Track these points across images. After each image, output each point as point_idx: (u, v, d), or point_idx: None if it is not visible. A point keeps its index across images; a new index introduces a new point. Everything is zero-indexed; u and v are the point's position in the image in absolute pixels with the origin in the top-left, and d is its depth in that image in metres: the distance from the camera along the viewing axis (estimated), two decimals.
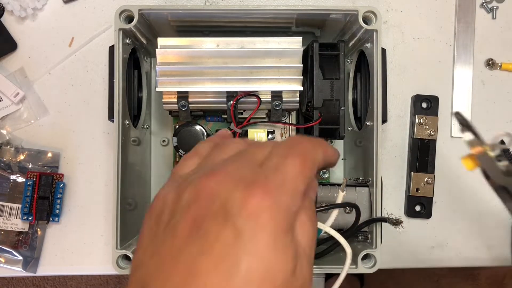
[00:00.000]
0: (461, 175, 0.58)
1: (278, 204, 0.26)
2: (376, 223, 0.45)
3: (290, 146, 0.29)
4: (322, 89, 0.46)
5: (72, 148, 0.57)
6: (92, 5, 0.57)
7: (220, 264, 0.24)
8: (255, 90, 0.46)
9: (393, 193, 0.57)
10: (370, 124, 0.46)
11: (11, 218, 0.55)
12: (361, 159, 0.50)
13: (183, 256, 0.25)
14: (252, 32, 0.51)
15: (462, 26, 0.58)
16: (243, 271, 0.24)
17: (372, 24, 0.45)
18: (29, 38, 0.57)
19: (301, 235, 0.28)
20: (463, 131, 0.36)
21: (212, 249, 0.25)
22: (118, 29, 0.45)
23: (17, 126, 0.57)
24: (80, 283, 1.35)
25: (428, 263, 0.58)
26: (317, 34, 0.53)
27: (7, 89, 0.55)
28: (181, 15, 0.47)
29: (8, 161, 0.56)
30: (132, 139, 0.49)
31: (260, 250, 0.25)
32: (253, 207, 0.25)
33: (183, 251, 0.25)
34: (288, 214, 0.26)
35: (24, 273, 0.55)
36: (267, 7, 0.46)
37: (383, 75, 0.46)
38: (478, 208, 0.58)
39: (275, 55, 0.45)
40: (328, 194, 0.48)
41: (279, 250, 0.25)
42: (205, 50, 0.45)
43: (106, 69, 0.48)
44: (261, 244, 0.25)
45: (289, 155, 0.28)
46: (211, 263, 0.24)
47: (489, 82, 0.58)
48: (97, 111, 0.57)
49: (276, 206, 0.26)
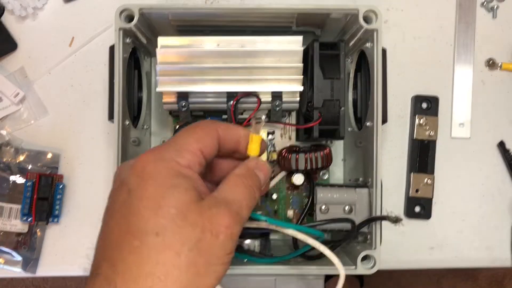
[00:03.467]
0: (461, 175, 0.58)
1: (162, 156, 0.30)
2: (375, 224, 0.45)
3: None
4: (322, 89, 0.46)
5: (72, 148, 0.56)
6: (93, 4, 0.57)
7: (120, 218, 0.28)
8: (255, 91, 0.46)
9: (393, 194, 0.57)
10: (370, 125, 0.46)
11: (11, 219, 0.55)
12: (361, 160, 0.50)
13: (101, 231, 0.30)
14: (252, 31, 0.51)
15: (462, 26, 0.58)
16: (138, 214, 0.27)
17: (373, 24, 0.45)
18: (29, 37, 0.57)
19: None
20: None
21: (113, 211, 0.29)
22: (118, 28, 0.44)
23: (17, 126, 0.56)
24: (80, 283, 1.35)
25: (428, 264, 0.58)
26: (318, 33, 0.53)
27: (7, 89, 0.55)
28: (181, 14, 0.47)
29: (7, 161, 0.55)
30: (132, 139, 0.49)
31: (150, 193, 0.28)
32: (139, 166, 0.29)
33: (102, 228, 0.30)
34: (173, 162, 0.30)
35: (24, 274, 0.55)
36: (267, 6, 0.46)
37: (384, 75, 0.46)
38: (478, 209, 0.58)
39: (275, 54, 0.45)
40: (327, 195, 0.48)
41: (169, 188, 0.28)
42: (205, 49, 0.45)
43: (106, 69, 0.48)
44: (151, 188, 0.28)
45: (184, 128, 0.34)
46: (114, 221, 0.28)
47: (489, 82, 0.58)
48: (97, 111, 0.56)
49: (160, 158, 0.30)
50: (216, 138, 0.33)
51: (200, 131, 0.32)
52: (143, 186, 0.28)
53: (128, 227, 0.27)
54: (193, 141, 0.31)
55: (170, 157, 0.30)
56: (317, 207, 0.48)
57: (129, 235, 0.27)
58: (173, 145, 0.31)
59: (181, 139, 0.31)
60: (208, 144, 0.32)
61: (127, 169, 0.30)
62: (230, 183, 0.32)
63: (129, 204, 0.28)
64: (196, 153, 0.31)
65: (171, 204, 0.27)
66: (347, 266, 0.44)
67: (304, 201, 0.55)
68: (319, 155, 0.49)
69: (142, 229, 0.27)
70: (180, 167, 0.30)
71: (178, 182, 0.28)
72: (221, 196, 0.30)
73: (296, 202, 0.55)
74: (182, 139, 0.31)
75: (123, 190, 0.29)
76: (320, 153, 0.49)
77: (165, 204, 0.27)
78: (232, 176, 0.32)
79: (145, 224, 0.27)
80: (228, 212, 0.29)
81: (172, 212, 0.27)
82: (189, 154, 0.30)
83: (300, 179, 0.50)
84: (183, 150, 0.30)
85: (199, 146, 0.31)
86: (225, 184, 0.32)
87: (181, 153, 0.30)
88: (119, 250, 0.27)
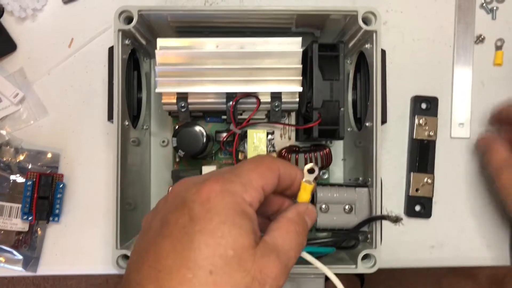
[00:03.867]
0: (460, 175, 0.58)
1: (228, 189, 0.29)
2: (376, 224, 0.45)
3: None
4: (322, 90, 0.46)
5: (72, 148, 0.57)
6: (92, 5, 0.57)
7: (177, 244, 0.28)
8: (255, 91, 0.46)
9: (393, 194, 0.57)
10: (369, 125, 0.46)
11: (11, 218, 0.55)
12: (360, 160, 0.50)
13: (152, 247, 0.29)
14: (251, 33, 0.51)
15: (462, 27, 0.58)
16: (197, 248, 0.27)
17: (372, 25, 0.45)
18: (29, 38, 0.57)
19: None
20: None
21: (171, 233, 0.28)
22: (117, 30, 0.44)
23: (17, 126, 0.57)
24: (80, 282, 1.35)
25: (428, 263, 0.58)
26: (317, 34, 0.53)
27: (6, 90, 0.55)
28: (180, 16, 0.47)
29: (8, 161, 0.56)
30: (132, 139, 0.49)
31: (212, 228, 0.28)
32: (204, 194, 0.29)
33: (152, 243, 0.29)
34: (239, 198, 0.29)
35: (24, 273, 0.55)
36: (267, 7, 0.46)
37: (383, 76, 0.46)
38: (478, 208, 0.58)
39: (275, 56, 0.45)
40: (327, 195, 0.48)
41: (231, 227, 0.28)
42: (204, 51, 0.45)
43: (105, 70, 0.48)
44: (214, 222, 0.28)
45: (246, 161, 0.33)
46: (170, 244, 0.28)
47: (489, 82, 0.58)
48: (96, 111, 0.57)
49: (226, 190, 0.29)
50: (277, 176, 0.33)
51: (264, 167, 0.32)
52: (207, 219, 0.28)
53: (184, 257, 0.27)
54: (257, 177, 0.31)
55: (237, 192, 0.30)
56: (317, 206, 0.48)
57: (183, 266, 0.27)
58: (239, 178, 0.31)
59: (246, 173, 0.31)
60: (270, 182, 0.32)
61: (191, 190, 0.30)
62: (283, 229, 0.32)
63: (190, 234, 0.28)
64: (259, 190, 0.31)
65: (230, 245, 0.27)
66: (348, 265, 0.44)
67: None
68: (319, 155, 0.49)
69: (199, 263, 0.27)
70: (245, 205, 0.30)
71: (241, 223, 0.28)
72: (273, 242, 0.30)
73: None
74: (247, 173, 0.31)
75: (184, 213, 0.29)
76: (320, 153, 0.49)
77: (225, 244, 0.27)
78: (283, 220, 0.32)
79: (202, 260, 0.27)
80: (278, 263, 0.29)
81: (229, 254, 0.27)
82: (253, 191, 0.30)
83: None
84: (249, 186, 0.30)
85: (262, 183, 0.31)
86: (277, 229, 0.32)
87: (247, 189, 0.30)
88: (170, 277, 0.27)
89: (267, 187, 0.32)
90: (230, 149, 0.52)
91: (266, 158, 0.34)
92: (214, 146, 0.53)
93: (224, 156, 0.55)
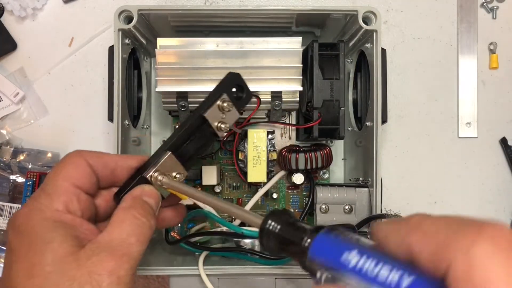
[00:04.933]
0: (461, 175, 0.58)
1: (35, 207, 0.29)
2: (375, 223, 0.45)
3: None
4: (322, 89, 0.46)
5: (72, 148, 0.55)
6: (92, 5, 0.57)
7: (4, 280, 0.27)
8: (255, 90, 0.46)
9: (393, 193, 0.57)
10: (370, 124, 0.46)
11: None
12: (361, 159, 0.50)
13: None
14: (251, 32, 0.51)
15: (464, 27, 0.58)
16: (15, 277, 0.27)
17: (372, 24, 0.45)
18: (29, 38, 0.57)
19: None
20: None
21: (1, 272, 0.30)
22: (117, 29, 0.44)
23: (17, 126, 0.56)
24: None
25: None
26: (317, 34, 0.53)
27: (6, 89, 0.55)
28: (180, 15, 0.47)
29: (8, 161, 0.55)
30: (132, 139, 0.49)
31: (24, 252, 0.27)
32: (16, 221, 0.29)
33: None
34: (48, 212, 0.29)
35: None
36: (266, 7, 0.46)
37: (383, 75, 0.46)
38: (478, 209, 0.58)
39: (275, 55, 0.45)
40: (327, 195, 0.48)
41: (41, 245, 0.27)
42: (204, 50, 0.45)
43: (106, 69, 0.48)
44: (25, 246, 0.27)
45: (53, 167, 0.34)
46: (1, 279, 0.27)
47: (490, 82, 0.58)
48: (97, 111, 0.57)
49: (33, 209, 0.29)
50: (87, 166, 0.31)
51: (67, 165, 0.31)
52: (19, 245, 0.27)
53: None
54: (63, 179, 0.30)
55: (44, 206, 0.28)
56: (317, 207, 0.48)
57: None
58: (44, 191, 0.29)
59: (51, 181, 0.30)
60: (81, 176, 0.31)
61: (9, 222, 0.29)
62: (117, 219, 0.30)
63: (8, 266, 0.27)
64: (70, 190, 0.30)
65: (46, 261, 0.26)
66: None
67: (304, 200, 0.55)
68: (319, 155, 0.49)
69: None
70: (58, 215, 0.28)
71: (52, 236, 0.27)
72: (105, 239, 0.28)
73: (296, 202, 0.55)
74: (52, 180, 0.30)
75: (7, 249, 0.28)
76: (320, 152, 0.49)
77: (40, 262, 0.26)
78: (117, 211, 0.31)
79: (23, 287, 0.26)
80: (111, 257, 0.27)
81: (47, 270, 0.26)
82: (63, 195, 0.29)
83: (300, 178, 0.50)
84: (54, 194, 0.29)
85: (72, 181, 0.30)
86: (112, 223, 0.30)
87: (53, 197, 0.29)
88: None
89: (80, 181, 0.30)
90: (230, 149, 0.52)
91: (69, 155, 0.32)
92: (214, 146, 0.53)
93: (224, 155, 0.55)
